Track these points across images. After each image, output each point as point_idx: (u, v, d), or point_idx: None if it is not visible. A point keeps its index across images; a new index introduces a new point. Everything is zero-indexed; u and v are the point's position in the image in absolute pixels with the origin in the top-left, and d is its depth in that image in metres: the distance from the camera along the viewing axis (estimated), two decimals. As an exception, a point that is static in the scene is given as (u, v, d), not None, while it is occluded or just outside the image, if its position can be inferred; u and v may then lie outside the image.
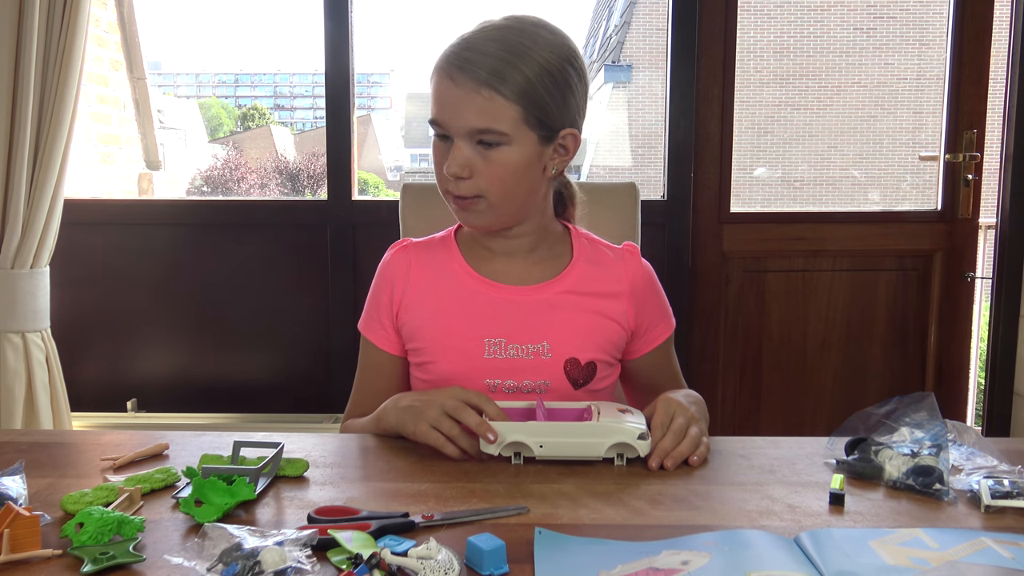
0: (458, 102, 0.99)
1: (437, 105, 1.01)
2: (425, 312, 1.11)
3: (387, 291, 1.14)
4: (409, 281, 1.13)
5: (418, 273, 1.13)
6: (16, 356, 2.04)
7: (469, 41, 1.00)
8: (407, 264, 1.14)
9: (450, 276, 1.12)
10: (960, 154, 2.26)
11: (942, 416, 0.93)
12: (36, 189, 2.01)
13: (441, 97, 1.01)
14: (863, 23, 8.20)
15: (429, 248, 1.16)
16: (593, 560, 0.68)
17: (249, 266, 2.31)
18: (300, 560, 0.63)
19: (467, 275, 1.11)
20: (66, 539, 0.71)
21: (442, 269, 1.13)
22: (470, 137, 1.00)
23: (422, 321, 1.11)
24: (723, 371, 2.35)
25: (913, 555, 0.70)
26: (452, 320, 1.09)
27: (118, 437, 1.01)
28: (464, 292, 1.10)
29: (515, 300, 1.10)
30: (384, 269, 1.16)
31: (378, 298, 1.15)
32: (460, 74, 0.98)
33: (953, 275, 2.32)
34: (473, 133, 1.00)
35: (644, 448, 0.90)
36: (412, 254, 1.15)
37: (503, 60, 0.98)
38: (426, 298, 1.11)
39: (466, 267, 1.12)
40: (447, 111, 1.00)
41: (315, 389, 2.32)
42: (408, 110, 33.01)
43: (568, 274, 1.12)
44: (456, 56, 0.99)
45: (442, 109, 1.01)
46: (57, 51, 1.99)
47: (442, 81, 1.00)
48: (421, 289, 1.12)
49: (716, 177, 2.30)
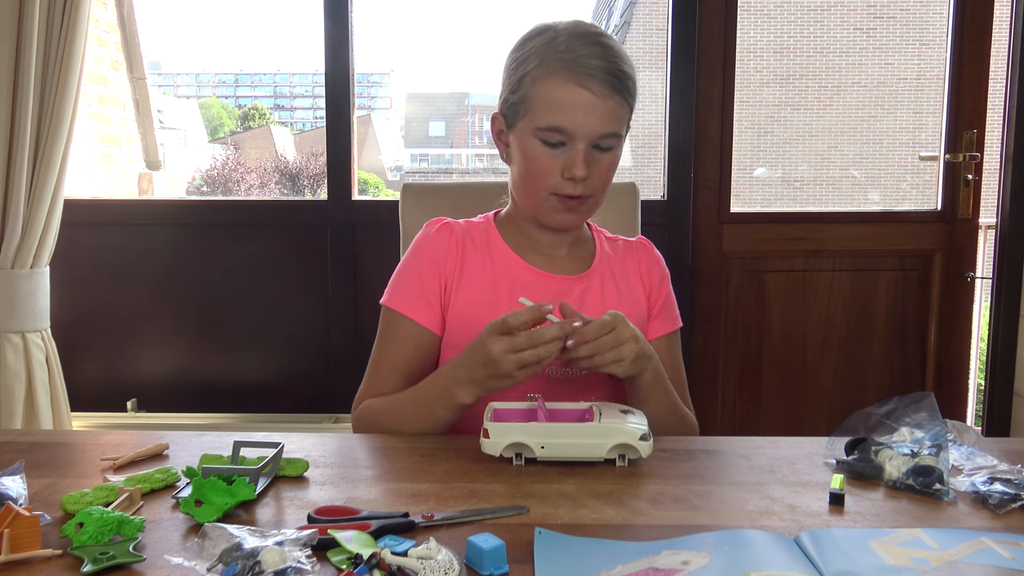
0: (590, 109, 1.02)
1: (563, 112, 1.03)
2: (475, 296, 1.11)
3: (435, 269, 1.13)
4: (463, 263, 1.13)
5: (472, 257, 1.14)
6: (16, 356, 2.04)
7: (588, 47, 1.02)
8: (458, 246, 1.14)
9: (501, 263, 1.13)
10: (960, 154, 2.26)
11: (942, 416, 0.93)
12: (36, 189, 2.01)
13: (568, 104, 1.03)
14: (863, 23, 8.20)
15: (473, 233, 1.16)
16: (593, 560, 0.68)
17: (249, 266, 2.31)
18: (300, 560, 0.63)
19: (517, 265, 1.14)
20: (66, 539, 0.71)
21: (491, 255, 1.14)
22: (591, 141, 1.04)
23: (470, 304, 1.11)
24: (723, 371, 2.35)
25: (913, 555, 0.70)
26: (497, 308, 1.09)
27: (118, 437, 1.01)
28: (515, 281, 1.12)
29: (561, 290, 1.13)
30: (429, 246, 1.15)
31: (421, 274, 1.13)
32: (591, 81, 1.01)
33: (953, 275, 2.32)
34: (598, 138, 1.04)
35: (646, 449, 0.90)
36: (459, 236, 1.15)
37: (623, 65, 1.04)
38: (477, 283, 1.12)
39: (516, 257, 1.14)
40: (576, 117, 1.03)
41: (315, 389, 2.32)
42: (408, 110, 33.03)
43: (598, 265, 1.17)
44: (582, 64, 1.02)
45: (569, 115, 1.03)
46: (57, 51, 1.99)
47: (570, 89, 1.02)
48: (473, 273, 1.13)
49: (716, 177, 2.30)
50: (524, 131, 1.07)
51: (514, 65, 1.08)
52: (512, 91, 1.08)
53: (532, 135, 1.06)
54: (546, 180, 1.07)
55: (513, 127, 1.10)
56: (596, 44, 1.03)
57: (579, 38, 1.04)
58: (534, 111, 1.05)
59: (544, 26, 1.08)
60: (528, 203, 1.12)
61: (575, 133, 1.03)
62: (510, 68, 1.09)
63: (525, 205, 1.13)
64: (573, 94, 1.02)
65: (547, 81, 1.03)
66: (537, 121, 1.05)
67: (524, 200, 1.13)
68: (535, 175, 1.08)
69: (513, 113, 1.09)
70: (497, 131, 1.14)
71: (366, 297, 2.28)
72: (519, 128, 1.08)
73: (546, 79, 1.03)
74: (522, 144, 1.08)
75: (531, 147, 1.07)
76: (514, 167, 1.12)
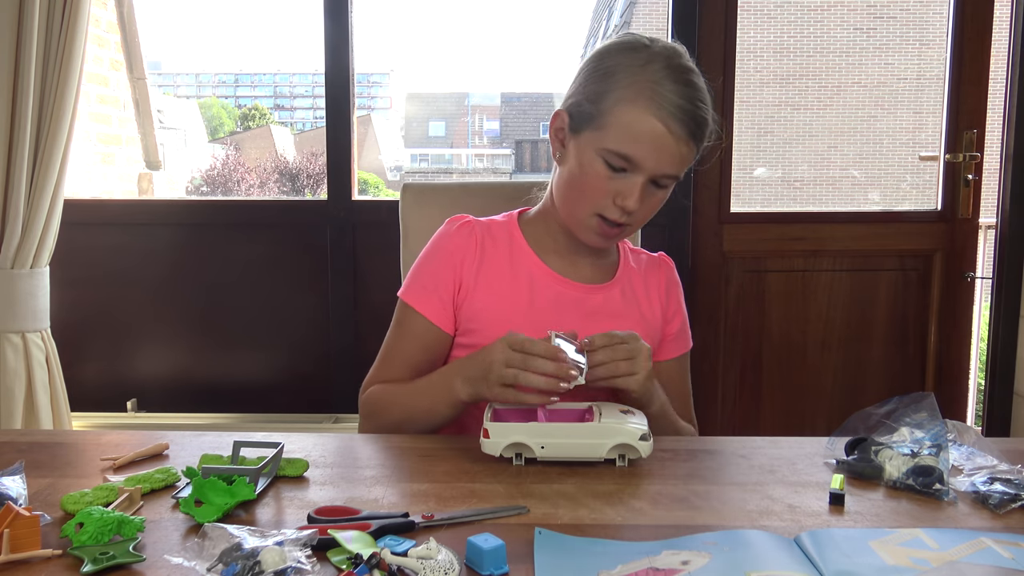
0: (664, 148, 1.01)
1: (637, 143, 1.00)
2: (493, 297, 1.11)
3: (452, 267, 1.12)
4: (481, 263, 1.12)
5: (491, 257, 1.12)
6: (16, 356, 2.04)
7: (679, 85, 1.00)
8: (477, 245, 1.13)
9: (521, 267, 1.12)
10: (960, 154, 2.26)
11: (942, 416, 0.93)
12: (36, 189, 2.01)
13: (644, 137, 1.00)
14: (863, 23, 8.21)
15: (494, 232, 1.15)
16: (593, 560, 0.68)
17: (249, 266, 2.31)
18: (300, 560, 0.63)
19: (538, 269, 1.12)
20: (66, 539, 0.71)
21: (512, 257, 1.13)
22: (652, 176, 1.03)
23: (487, 305, 1.10)
24: (723, 371, 2.35)
25: (913, 555, 0.70)
26: (521, 310, 1.10)
27: (118, 437, 1.01)
28: (535, 285, 1.11)
29: (580, 298, 1.12)
30: (447, 244, 1.14)
31: (437, 271, 1.12)
32: (673, 121, 0.99)
33: (953, 275, 2.32)
34: (661, 176, 1.03)
35: (646, 449, 0.90)
36: (480, 235, 1.14)
37: (706, 111, 1.02)
38: (496, 283, 1.11)
39: (537, 261, 1.13)
40: (648, 152, 1.00)
41: (315, 389, 2.32)
42: (408, 110, 33.03)
43: (620, 277, 1.16)
44: (670, 101, 0.99)
45: (642, 149, 1.00)
46: (57, 51, 1.99)
47: (651, 123, 0.99)
48: (492, 274, 1.12)
49: (716, 177, 2.30)
50: (589, 144, 1.04)
51: (598, 74, 1.04)
52: (589, 100, 1.04)
53: (597, 153, 1.03)
54: (596, 200, 1.05)
55: (578, 133, 1.06)
56: (688, 84, 1.01)
57: (673, 72, 1.00)
58: (608, 131, 1.02)
59: (639, 42, 1.04)
60: (568, 213, 1.10)
61: (641, 166, 1.01)
62: (593, 74, 1.05)
63: (564, 213, 1.11)
64: (652, 129, 0.99)
65: (631, 106, 1.00)
66: (607, 142, 1.01)
67: (565, 208, 1.10)
68: (586, 192, 1.05)
69: (583, 120, 1.05)
70: (557, 128, 1.09)
71: (366, 297, 2.28)
72: (584, 137, 1.04)
73: (630, 104, 1.00)
74: (582, 155, 1.05)
75: (591, 163, 1.03)
76: (564, 171, 1.09)
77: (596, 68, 1.05)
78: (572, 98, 1.07)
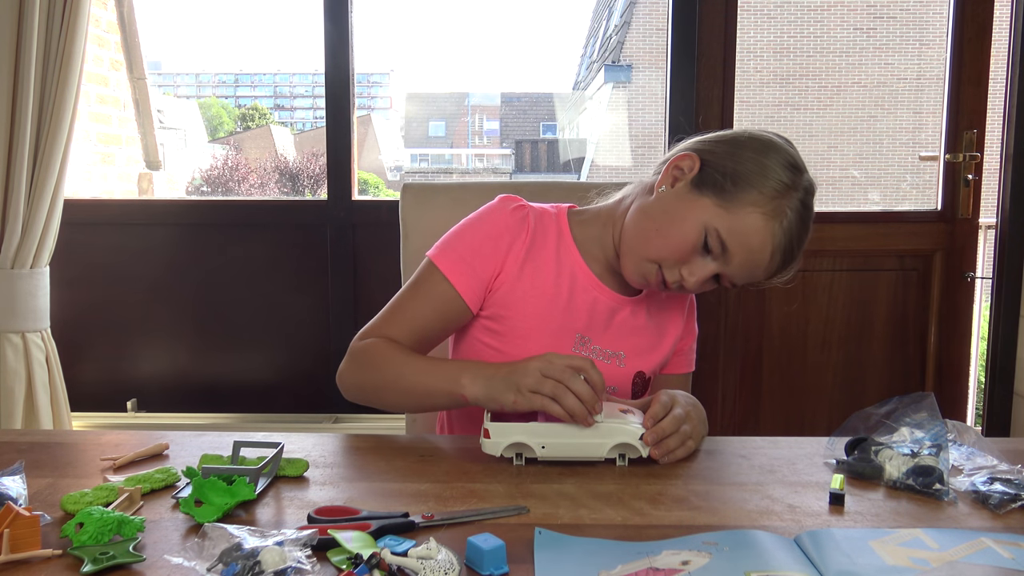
0: (757, 268, 1.01)
1: (743, 252, 0.99)
2: (535, 289, 1.09)
3: (497, 249, 1.09)
4: (529, 252, 1.10)
5: (540, 248, 1.11)
6: (16, 356, 2.04)
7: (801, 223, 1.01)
8: (529, 234, 1.10)
9: (565, 264, 1.11)
10: (960, 154, 2.26)
11: (942, 416, 0.93)
12: (36, 189, 2.01)
13: (755, 251, 1.00)
14: (863, 23, 8.20)
15: (545, 223, 1.13)
16: (593, 560, 0.68)
17: (249, 266, 2.31)
18: (300, 560, 0.63)
19: (581, 270, 1.12)
20: (66, 539, 0.71)
21: (559, 252, 1.12)
22: (722, 273, 1.02)
23: (526, 295, 1.09)
24: (723, 371, 2.35)
25: (913, 555, 0.70)
26: (559, 308, 1.09)
27: (118, 437, 1.01)
28: (576, 285, 1.11)
29: (613, 307, 1.12)
30: (498, 222, 1.10)
31: (479, 247, 1.09)
32: (780, 257, 1.01)
33: (953, 275, 2.32)
34: (727, 278, 1.03)
35: (646, 449, 0.91)
36: (533, 224, 1.11)
37: (800, 252, 1.03)
38: (540, 276, 1.10)
39: (581, 262, 1.12)
40: (745, 264, 1.01)
41: (315, 389, 2.32)
42: (408, 110, 32.99)
43: (650, 291, 1.14)
44: (786, 231, 0.99)
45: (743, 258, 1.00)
46: (57, 51, 1.99)
47: (763, 237, 0.99)
48: (538, 265, 1.10)
49: (716, 177, 2.29)
50: (704, 210, 1.00)
51: (754, 163, 1.00)
52: (731, 178, 1.00)
53: (702, 223, 1.00)
54: (668, 255, 1.02)
55: (699, 191, 1.01)
56: (805, 223, 1.02)
57: (804, 210, 1.01)
58: (729, 218, 0.99)
59: (800, 164, 1.02)
60: (632, 244, 1.06)
61: (727, 263, 1.00)
62: (748, 154, 1.01)
63: (628, 239, 1.07)
64: (763, 247, 0.99)
65: (763, 217, 0.98)
66: (719, 223, 0.99)
67: (634, 238, 1.06)
68: (667, 242, 1.02)
69: (713, 185, 1.00)
70: (681, 167, 1.04)
71: (366, 297, 2.28)
72: (703, 202, 1.00)
73: (763, 215, 0.98)
74: (689, 213, 1.01)
75: (693, 228, 1.00)
76: (657, 207, 1.04)
77: (755, 155, 1.01)
78: (712, 155, 1.03)
